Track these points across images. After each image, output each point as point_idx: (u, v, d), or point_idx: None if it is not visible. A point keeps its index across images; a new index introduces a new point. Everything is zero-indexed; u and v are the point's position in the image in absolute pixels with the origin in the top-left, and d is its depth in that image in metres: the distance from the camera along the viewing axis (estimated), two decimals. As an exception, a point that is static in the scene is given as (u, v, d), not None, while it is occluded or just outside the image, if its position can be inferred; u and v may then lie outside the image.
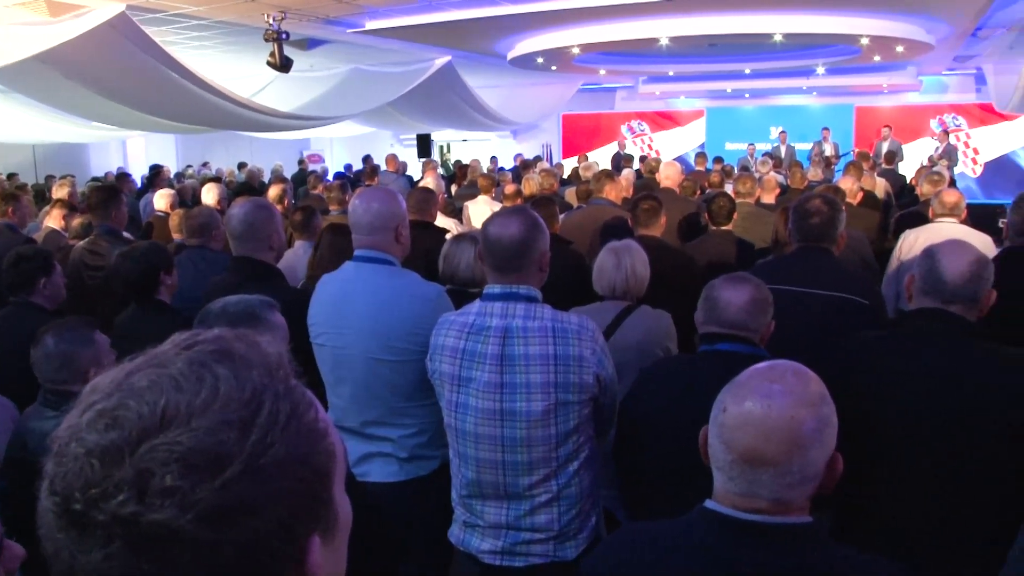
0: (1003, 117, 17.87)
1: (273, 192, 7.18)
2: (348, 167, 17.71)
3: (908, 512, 2.40)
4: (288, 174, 14.81)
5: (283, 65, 9.73)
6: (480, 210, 7.53)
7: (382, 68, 13.85)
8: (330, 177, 13.44)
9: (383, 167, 13.09)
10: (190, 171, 16.12)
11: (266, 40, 9.40)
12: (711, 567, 1.43)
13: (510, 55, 13.04)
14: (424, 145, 17.80)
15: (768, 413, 1.40)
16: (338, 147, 22.71)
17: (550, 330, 2.46)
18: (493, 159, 17.67)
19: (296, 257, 4.90)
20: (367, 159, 16.00)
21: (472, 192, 8.86)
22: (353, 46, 11.60)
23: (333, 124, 15.42)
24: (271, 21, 9.23)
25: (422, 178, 9.44)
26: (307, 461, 0.74)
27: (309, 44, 11.32)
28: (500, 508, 2.56)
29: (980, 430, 2.30)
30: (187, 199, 9.53)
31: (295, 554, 0.73)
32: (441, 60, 13.32)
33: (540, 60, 13.38)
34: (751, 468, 1.40)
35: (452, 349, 2.55)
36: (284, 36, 9.44)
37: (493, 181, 8.68)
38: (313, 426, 0.77)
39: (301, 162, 18.46)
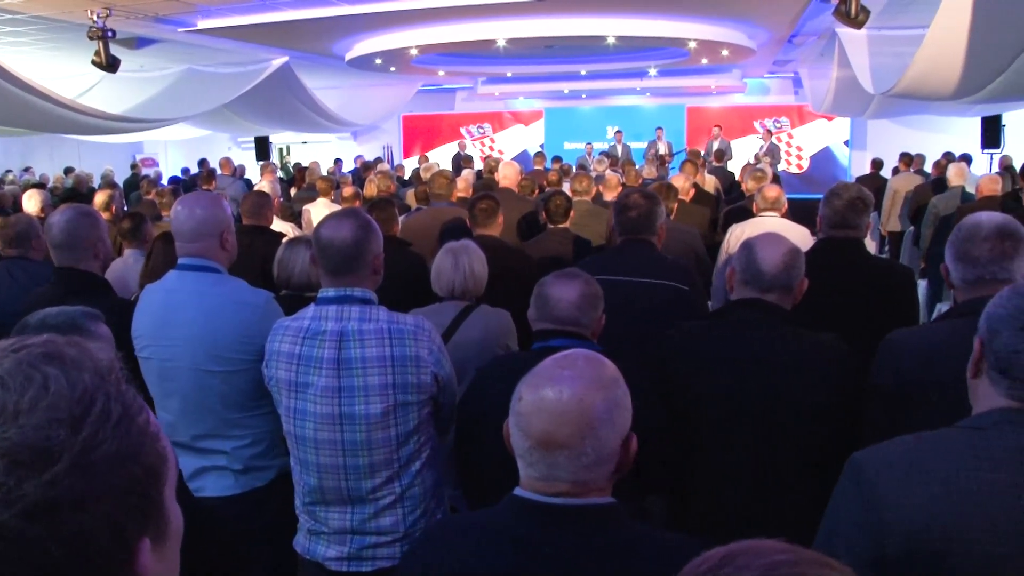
0: (820, 117, 19.00)
1: (100, 198, 6.85)
2: (185, 171, 17.12)
3: (731, 491, 2.53)
4: (120, 179, 14.19)
5: (110, 64, 9.28)
6: (320, 213, 7.41)
7: (217, 68, 13.46)
8: (165, 182, 12.96)
9: (220, 171, 12.74)
10: (10, 176, 15.16)
11: (90, 38, 8.94)
12: (516, 551, 1.48)
13: (348, 56, 12.92)
14: (262, 148, 17.36)
15: (559, 398, 1.45)
16: (173, 151, 21.88)
17: (386, 332, 2.46)
18: (338, 161, 17.45)
19: (126, 267, 4.69)
20: (203, 163, 15.50)
21: (311, 195, 8.74)
22: (186, 46, 11.22)
23: (167, 127, 14.86)
24: (95, 18, 8.77)
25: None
26: (139, 460, 0.75)
27: (138, 43, 10.88)
28: (344, 513, 2.54)
29: (790, 411, 2.46)
30: (7, 207, 9.00)
31: (125, 555, 0.73)
32: (278, 61, 13.06)
33: (379, 61, 13.31)
34: (547, 452, 1.45)
35: (288, 355, 2.51)
36: (110, 34, 9.00)
37: (332, 183, 8.59)
38: (145, 428, 0.77)
39: (134, 166, 17.67)
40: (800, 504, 2.40)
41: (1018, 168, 10.93)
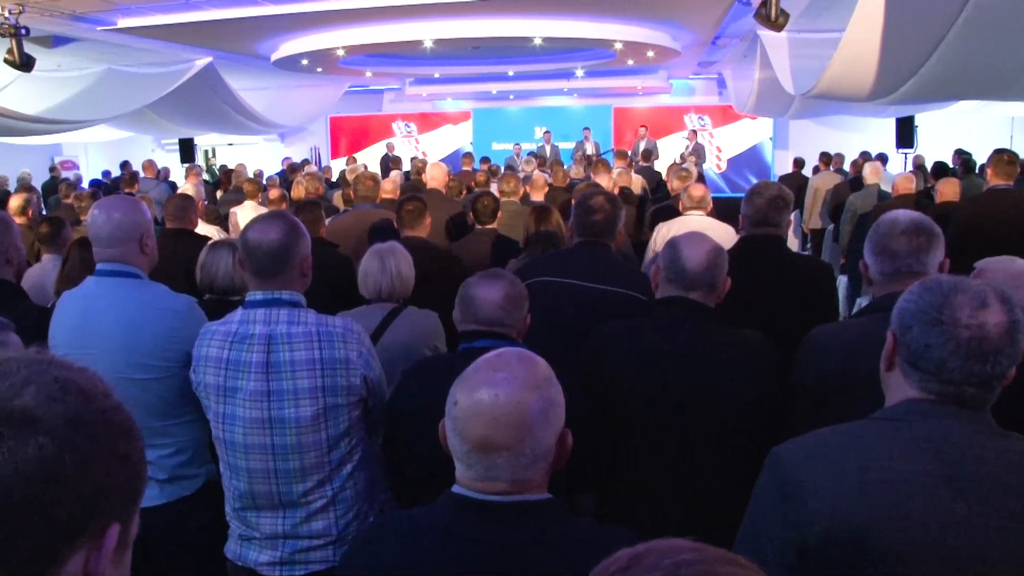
0: (745, 117, 19.36)
1: (15, 202, 6.61)
2: (106, 174, 16.68)
3: (660, 486, 2.57)
4: (38, 182, 13.78)
5: (24, 63, 8.97)
6: (247, 216, 7.32)
7: (139, 69, 13.12)
8: (85, 185, 12.63)
9: (143, 174, 12.47)
10: (-81, 181, 14.62)
11: (2, 35, 8.65)
12: (454, 547, 1.49)
13: (274, 56, 12.76)
14: (187, 150, 16.99)
15: (495, 401, 1.47)
16: (94, 153, 21.27)
17: (315, 334, 2.45)
18: (286, 159, 17.16)
19: (44, 273, 4.59)
20: (125, 165, 15.13)
21: (237, 197, 8.61)
22: (106, 45, 10.92)
23: (87, 128, 14.45)
24: (6, 14, 8.43)
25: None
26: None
27: (54, 41, 10.56)
28: (276, 518, 2.52)
29: (715, 407, 2.51)
30: (-84, 212, 8.65)
31: (99, 525, 0.87)
32: (202, 61, 12.79)
33: (305, 62, 13.18)
34: (486, 455, 1.47)
35: (216, 359, 2.48)
36: (23, 31, 8.70)
37: (259, 186, 8.49)
38: (139, 435, 0.96)
39: (53, 169, 17.15)
40: (728, 499, 2.44)
41: (929, 167, 11.29)
